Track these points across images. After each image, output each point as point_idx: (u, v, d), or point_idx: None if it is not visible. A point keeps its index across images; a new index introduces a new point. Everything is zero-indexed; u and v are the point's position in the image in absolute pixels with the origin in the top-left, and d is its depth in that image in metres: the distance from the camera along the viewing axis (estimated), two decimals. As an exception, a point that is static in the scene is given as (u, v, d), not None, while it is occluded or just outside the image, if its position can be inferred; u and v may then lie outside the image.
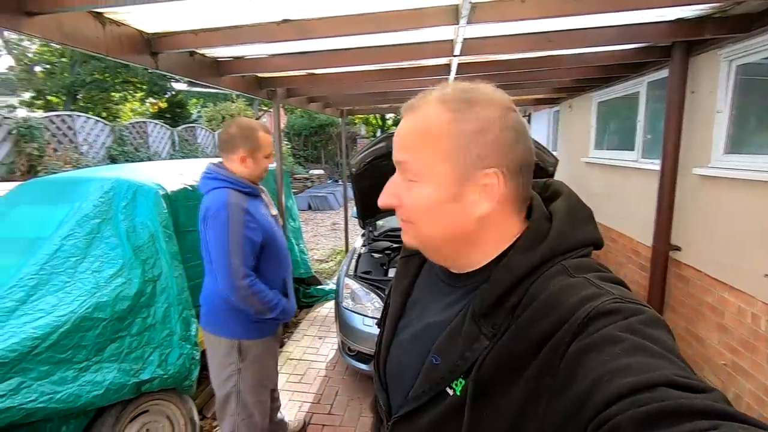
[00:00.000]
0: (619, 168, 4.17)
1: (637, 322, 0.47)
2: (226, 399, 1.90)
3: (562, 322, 0.50)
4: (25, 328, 1.78)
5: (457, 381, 0.58)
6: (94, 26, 1.79)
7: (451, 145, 0.58)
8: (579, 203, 0.65)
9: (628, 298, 0.50)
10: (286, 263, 1.92)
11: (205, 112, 16.68)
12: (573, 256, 0.58)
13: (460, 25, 1.92)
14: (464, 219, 0.60)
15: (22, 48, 14.42)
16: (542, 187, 0.70)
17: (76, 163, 8.05)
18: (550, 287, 0.54)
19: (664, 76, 3.25)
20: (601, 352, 0.44)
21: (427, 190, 0.60)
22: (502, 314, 0.56)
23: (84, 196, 2.49)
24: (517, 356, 0.53)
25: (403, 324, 0.75)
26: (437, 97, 0.60)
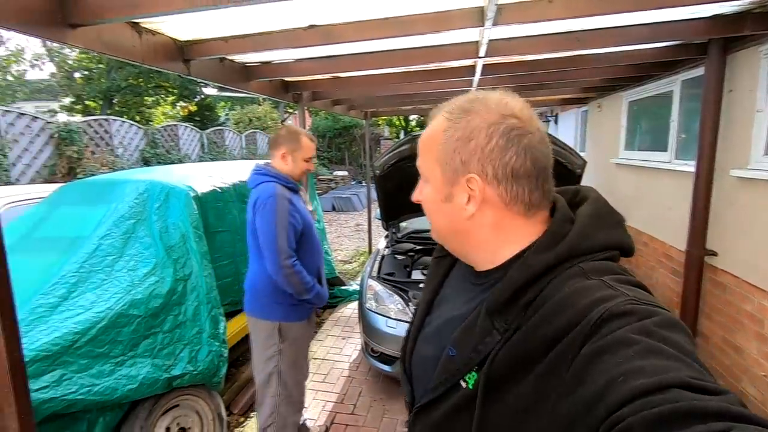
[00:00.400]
0: (651, 169, 4.04)
1: (651, 324, 0.46)
2: (268, 379, 2.07)
3: (574, 324, 0.50)
4: (66, 323, 1.88)
5: (470, 374, 0.60)
6: (131, 36, 1.87)
7: (441, 150, 0.65)
8: (606, 208, 0.65)
9: (643, 300, 0.50)
10: (319, 253, 2.15)
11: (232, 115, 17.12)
12: (593, 259, 0.58)
13: (486, 27, 1.91)
14: (457, 218, 0.66)
15: (63, 55, 15.16)
16: (572, 194, 0.70)
17: (112, 165, 8.39)
18: (565, 288, 0.54)
19: (700, 74, 3.13)
20: (614, 354, 0.44)
21: (429, 190, 0.69)
22: (514, 311, 0.57)
23: (120, 197, 2.61)
24: (527, 354, 0.54)
25: (430, 319, 0.79)
26: (447, 107, 0.67)
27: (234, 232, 3.02)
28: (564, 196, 0.69)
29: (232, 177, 3.18)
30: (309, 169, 2.09)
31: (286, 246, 1.87)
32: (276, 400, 2.06)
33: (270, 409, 2.07)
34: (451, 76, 3.35)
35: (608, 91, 5.05)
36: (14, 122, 7.10)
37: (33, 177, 7.36)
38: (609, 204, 0.65)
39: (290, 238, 1.90)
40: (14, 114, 7.16)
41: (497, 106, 0.63)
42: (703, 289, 3.04)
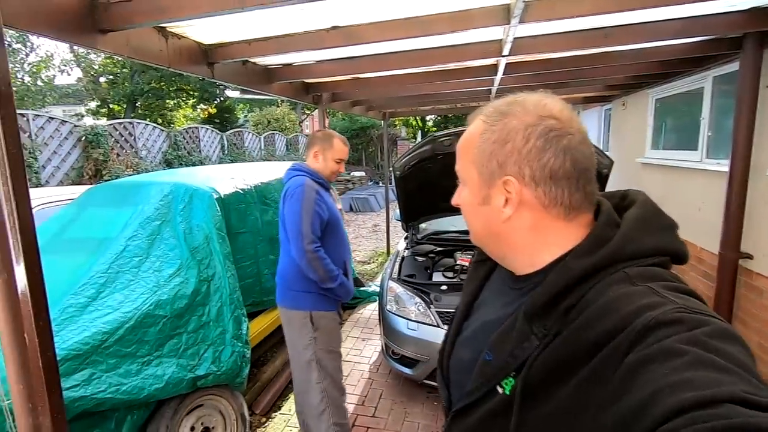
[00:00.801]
0: (680, 169, 3.91)
1: (702, 334, 0.44)
2: (308, 367, 2.12)
3: (617, 331, 0.47)
4: (95, 322, 1.92)
5: (507, 379, 0.59)
6: (158, 40, 1.90)
7: (478, 153, 0.64)
8: (656, 212, 0.61)
9: (694, 309, 0.47)
10: (346, 247, 2.24)
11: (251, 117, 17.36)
12: (639, 264, 0.55)
13: (512, 25, 1.87)
14: (494, 221, 0.65)
15: (89, 60, 15.62)
16: (620, 197, 0.67)
17: (136, 167, 8.60)
18: (608, 294, 0.52)
19: (733, 69, 3.01)
20: (662, 364, 0.42)
21: (467, 193, 0.69)
22: (554, 316, 0.55)
23: (146, 199, 2.65)
24: (567, 361, 0.52)
25: (468, 323, 0.78)
26: (484, 110, 0.67)
27: (256, 234, 3.04)
28: (611, 200, 0.66)
29: (254, 179, 3.21)
30: (339, 170, 2.19)
31: (309, 231, 1.95)
32: (322, 385, 2.12)
33: (319, 394, 2.12)
34: (471, 75, 3.31)
35: (633, 89, 4.91)
36: (44, 126, 7.34)
37: (62, 179, 7.60)
38: (659, 207, 0.62)
39: (315, 225, 1.98)
40: (44, 118, 7.40)
41: (535, 107, 0.61)
42: (737, 293, 2.92)
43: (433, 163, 3.11)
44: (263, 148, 14.54)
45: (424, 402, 2.89)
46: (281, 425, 2.70)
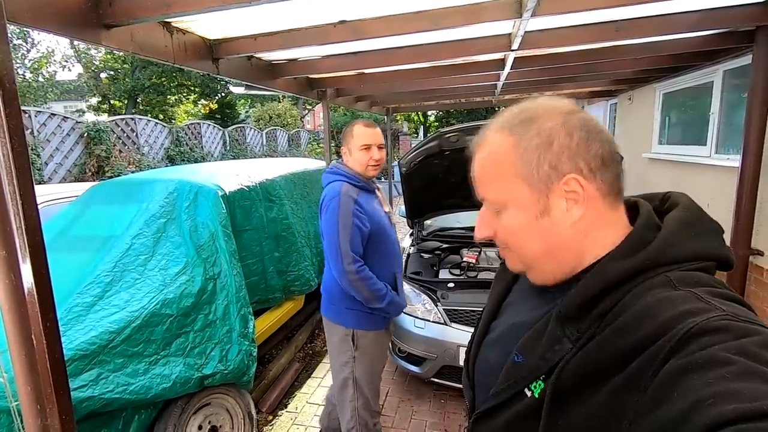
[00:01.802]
0: (688, 164, 3.87)
1: (751, 344, 0.41)
2: (344, 384, 2.00)
3: (657, 336, 0.45)
4: (102, 322, 1.91)
5: (536, 383, 0.57)
6: (162, 36, 1.87)
7: (521, 165, 0.60)
8: (700, 215, 0.59)
9: (741, 317, 0.45)
10: (396, 258, 1.99)
11: (252, 113, 17.32)
12: (682, 269, 0.53)
13: (523, 19, 1.83)
14: (560, 229, 0.60)
15: (90, 56, 15.57)
16: (661, 200, 0.65)
17: (139, 163, 8.58)
18: (648, 298, 0.50)
19: (745, 63, 2.97)
20: (705, 373, 0.40)
21: (514, 214, 0.62)
22: (589, 320, 0.54)
23: (150, 196, 2.63)
24: (602, 366, 0.50)
25: (495, 325, 0.76)
26: (497, 126, 0.63)
27: (261, 231, 3.02)
28: (651, 203, 0.64)
29: (259, 175, 3.18)
30: (372, 160, 1.84)
31: (348, 249, 1.75)
32: (354, 404, 1.99)
33: (350, 413, 2.01)
34: (478, 70, 3.27)
35: (640, 83, 4.86)
36: (46, 122, 7.31)
37: (64, 176, 7.59)
38: (703, 210, 0.59)
39: (354, 240, 1.76)
40: (46, 114, 7.38)
41: (554, 107, 0.61)
42: (747, 290, 2.89)
43: (440, 159, 3.07)
44: (265, 144, 14.51)
45: (431, 400, 2.87)
46: (288, 423, 2.69)
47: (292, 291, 3.30)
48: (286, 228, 3.26)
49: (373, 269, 1.83)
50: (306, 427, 2.65)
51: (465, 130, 2.73)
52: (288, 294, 3.29)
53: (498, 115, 0.66)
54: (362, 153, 1.83)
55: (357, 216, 1.77)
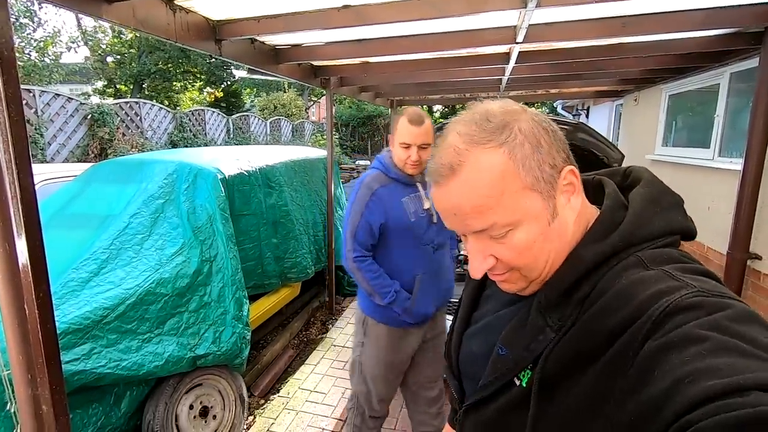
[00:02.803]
0: (691, 166, 3.84)
1: (723, 318, 0.41)
2: (353, 365, 2.00)
3: (634, 318, 0.46)
4: (96, 298, 1.92)
5: (524, 372, 0.57)
6: (165, 13, 1.86)
7: (526, 175, 0.54)
8: (663, 189, 0.59)
9: (712, 291, 0.45)
10: (420, 260, 1.82)
11: (258, 102, 17.28)
12: (651, 247, 0.54)
13: (528, 9, 1.82)
14: (566, 228, 0.58)
15: (97, 39, 15.53)
16: (623, 175, 0.65)
17: (141, 147, 8.59)
18: (622, 280, 0.50)
19: (751, 66, 2.94)
20: (681, 352, 0.40)
21: (527, 229, 0.56)
22: (569, 307, 0.54)
23: (150, 177, 2.64)
24: (584, 351, 0.50)
25: (477, 316, 0.75)
26: (467, 142, 0.55)
27: (259, 216, 3.03)
28: (613, 179, 0.63)
29: (259, 161, 3.18)
30: (411, 159, 1.71)
31: (351, 238, 1.76)
32: (356, 389, 2.01)
33: (351, 395, 2.05)
34: (483, 63, 3.24)
35: (647, 84, 4.82)
36: (50, 102, 7.31)
37: (67, 156, 7.60)
38: (664, 184, 0.60)
39: (360, 231, 1.74)
40: (50, 95, 7.38)
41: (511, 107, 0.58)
42: (744, 294, 2.88)
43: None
44: (269, 134, 14.49)
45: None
46: (279, 407, 2.71)
47: (289, 278, 3.31)
48: (284, 215, 3.27)
49: (387, 265, 1.80)
50: (297, 411, 2.67)
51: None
52: (284, 281, 3.30)
53: (446, 134, 0.57)
54: (401, 150, 1.73)
55: (369, 207, 1.74)
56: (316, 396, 2.82)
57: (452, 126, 0.58)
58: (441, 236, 1.85)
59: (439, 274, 1.87)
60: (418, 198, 1.80)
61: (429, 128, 1.71)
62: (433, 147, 0.61)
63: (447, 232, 1.86)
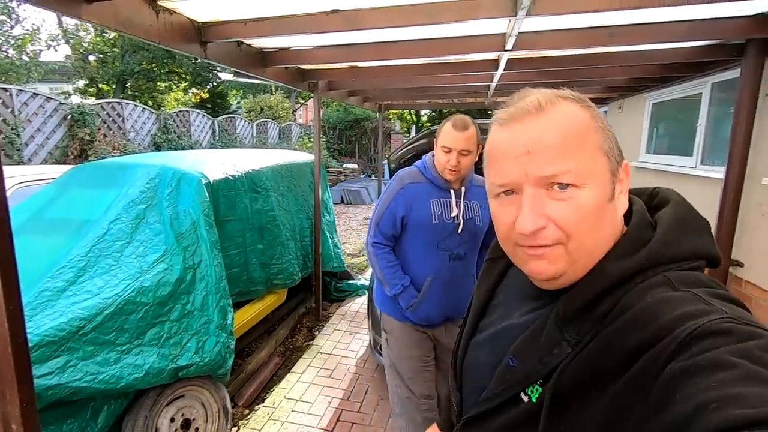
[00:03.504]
0: (674, 174, 3.91)
1: (754, 348, 0.40)
2: (387, 372, 2.01)
3: (658, 338, 0.44)
4: (73, 308, 1.84)
5: (533, 387, 0.55)
6: (148, 14, 1.80)
7: (603, 138, 0.55)
8: (691, 212, 0.58)
9: (743, 319, 0.43)
10: (434, 263, 1.80)
11: (244, 104, 17.10)
12: (678, 269, 0.52)
13: (518, 18, 1.81)
14: (616, 219, 0.57)
15: (78, 37, 15.17)
16: (649, 195, 0.64)
17: (124, 149, 8.39)
18: (648, 298, 0.48)
19: (733, 76, 3.00)
20: (708, 377, 0.39)
21: (592, 193, 0.53)
22: (588, 322, 0.52)
23: (131, 181, 2.56)
24: (602, 369, 0.48)
25: (484, 324, 0.73)
26: (557, 95, 0.57)
27: (245, 222, 2.97)
28: (639, 197, 0.62)
29: (245, 165, 3.12)
30: (451, 165, 1.68)
31: (374, 224, 1.84)
32: (391, 386, 2.00)
33: (396, 397, 1.99)
34: (471, 69, 3.25)
35: (631, 92, 4.91)
36: (28, 102, 7.10)
37: (45, 158, 7.37)
38: (692, 206, 0.58)
39: (384, 220, 1.81)
40: (28, 94, 7.16)
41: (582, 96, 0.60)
42: (726, 300, 2.93)
43: (429, 157, 3.06)
44: (255, 136, 14.33)
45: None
46: (264, 418, 2.65)
47: (275, 284, 3.25)
48: (271, 220, 3.21)
49: (402, 260, 1.86)
50: (282, 422, 2.61)
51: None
52: (270, 287, 3.23)
53: (528, 92, 0.58)
54: (442, 154, 1.71)
55: (395, 200, 1.79)
56: (302, 405, 2.77)
57: (541, 90, 0.58)
58: (463, 247, 1.82)
59: (452, 283, 1.84)
60: (447, 203, 1.79)
61: (472, 135, 1.68)
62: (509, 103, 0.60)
63: (470, 245, 1.85)
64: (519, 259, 0.60)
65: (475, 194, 1.85)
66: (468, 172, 1.78)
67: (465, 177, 1.80)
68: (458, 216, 1.78)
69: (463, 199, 1.80)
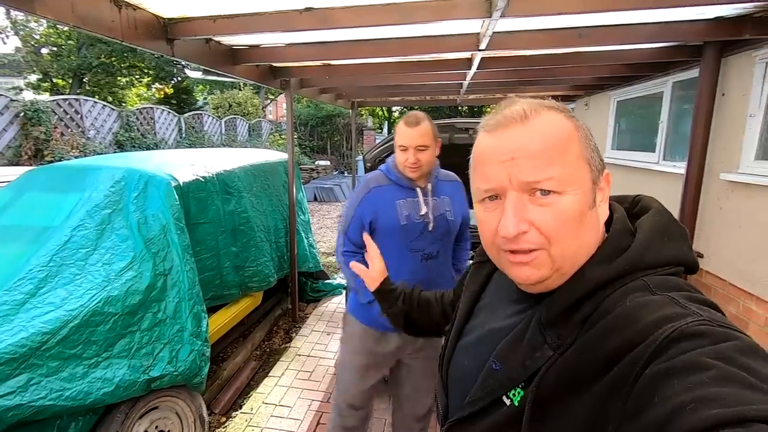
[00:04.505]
0: (639, 169, 4.07)
1: (729, 349, 0.41)
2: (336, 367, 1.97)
3: (637, 342, 0.45)
4: (34, 322, 1.73)
5: (515, 390, 0.56)
6: (109, 9, 1.71)
7: (585, 148, 0.57)
8: (671, 220, 0.60)
9: (718, 322, 0.45)
10: (407, 266, 1.73)
11: (211, 100, 16.59)
12: (657, 274, 0.54)
13: (492, 19, 1.83)
14: (597, 226, 0.58)
15: (29, 29, 14.29)
16: (631, 203, 0.66)
17: (83, 148, 7.98)
18: (627, 302, 0.50)
19: (692, 76, 3.14)
20: (685, 378, 0.40)
21: (573, 200, 0.55)
22: (570, 326, 0.53)
23: (94, 185, 2.43)
24: (583, 372, 0.49)
25: (469, 328, 0.74)
26: (541, 104, 0.59)
27: (217, 224, 2.88)
28: (621, 205, 0.64)
29: (216, 166, 3.03)
30: (408, 162, 1.64)
31: (342, 233, 1.81)
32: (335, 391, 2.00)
33: (335, 408, 1.99)
34: (445, 68, 3.26)
35: (597, 90, 5.06)
36: (-25, 99, 6.63)
37: (-4, 158, 6.92)
38: (672, 215, 0.60)
39: (351, 227, 1.76)
40: (-25, 90, 6.69)
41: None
42: (688, 289, 3.08)
43: (405, 155, 3.06)
44: (224, 133, 13.94)
45: (390, 399, 2.86)
46: (242, 425, 2.59)
47: (250, 287, 3.18)
48: (244, 222, 3.13)
49: None
50: (261, 428, 2.56)
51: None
52: (245, 290, 3.16)
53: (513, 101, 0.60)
54: (400, 153, 1.68)
55: (361, 204, 1.75)
56: (282, 410, 2.72)
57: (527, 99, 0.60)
58: (434, 246, 1.76)
59: (429, 286, 1.79)
60: (415, 203, 1.74)
61: (426, 130, 1.64)
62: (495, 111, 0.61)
63: (443, 243, 1.79)
64: (503, 265, 0.61)
65: (443, 189, 1.80)
66: (431, 168, 1.73)
67: (429, 173, 1.75)
68: (427, 214, 1.73)
69: (431, 195, 1.75)
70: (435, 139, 1.68)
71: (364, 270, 1.00)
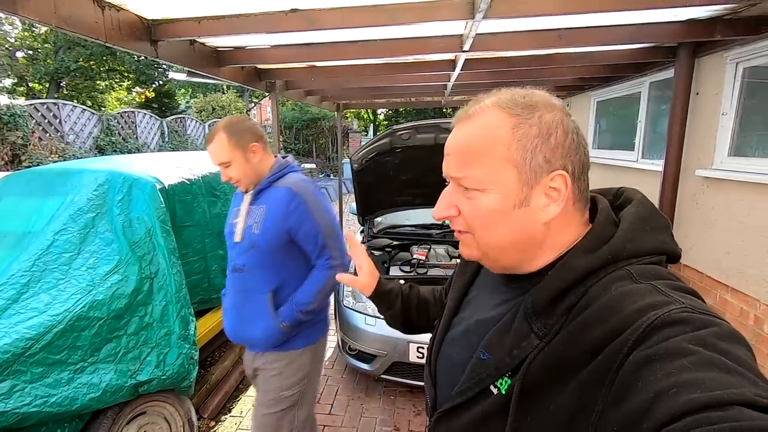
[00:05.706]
0: (618, 167, 4.18)
1: (709, 335, 0.43)
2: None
3: (621, 329, 0.47)
4: (17, 328, 1.69)
5: (503, 380, 0.57)
6: (92, 10, 1.69)
7: (517, 150, 0.57)
8: (654, 211, 0.62)
9: (699, 309, 0.47)
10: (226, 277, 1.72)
11: (194, 103, 16.41)
12: (640, 263, 0.55)
13: (475, 20, 1.87)
14: (531, 224, 0.59)
15: (3, 32, 13.92)
16: (614, 195, 0.68)
17: (62, 153, 7.81)
18: (611, 291, 0.51)
19: (668, 76, 3.25)
20: (666, 364, 0.41)
21: (492, 199, 0.59)
22: (555, 315, 0.55)
23: (76, 188, 2.39)
24: (568, 360, 0.51)
25: (457, 320, 0.75)
26: (495, 102, 0.60)
27: (203, 227, 2.85)
28: (605, 197, 0.66)
29: (201, 168, 3.00)
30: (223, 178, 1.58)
31: None
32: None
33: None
34: (429, 69, 3.31)
35: (578, 91, 5.18)
36: (-53, 103, 6.44)
37: (-30, 164, 6.73)
38: (654, 206, 0.62)
39: None
40: (-53, 94, 6.50)
41: (553, 102, 0.61)
42: (667, 283, 3.18)
43: (391, 156, 3.08)
44: (207, 137, 13.79)
45: (381, 396, 2.88)
46: (232, 428, 2.57)
47: (238, 290, 3.15)
48: (231, 224, 3.11)
49: None
50: None
51: (417, 128, 2.75)
52: (233, 293, 3.13)
53: (492, 93, 0.63)
54: None
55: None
56: (272, 412, 2.71)
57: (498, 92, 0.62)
58: (241, 258, 1.60)
59: (236, 298, 1.67)
60: (237, 211, 1.65)
61: (220, 147, 1.49)
62: None
63: (249, 257, 1.58)
64: None
65: (266, 197, 1.58)
66: (256, 177, 1.58)
67: (257, 181, 1.59)
68: (236, 223, 1.62)
69: (249, 203, 1.60)
70: (238, 148, 1.51)
71: (352, 279, 0.96)
